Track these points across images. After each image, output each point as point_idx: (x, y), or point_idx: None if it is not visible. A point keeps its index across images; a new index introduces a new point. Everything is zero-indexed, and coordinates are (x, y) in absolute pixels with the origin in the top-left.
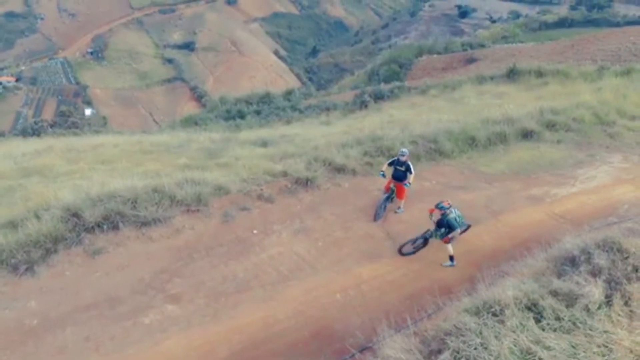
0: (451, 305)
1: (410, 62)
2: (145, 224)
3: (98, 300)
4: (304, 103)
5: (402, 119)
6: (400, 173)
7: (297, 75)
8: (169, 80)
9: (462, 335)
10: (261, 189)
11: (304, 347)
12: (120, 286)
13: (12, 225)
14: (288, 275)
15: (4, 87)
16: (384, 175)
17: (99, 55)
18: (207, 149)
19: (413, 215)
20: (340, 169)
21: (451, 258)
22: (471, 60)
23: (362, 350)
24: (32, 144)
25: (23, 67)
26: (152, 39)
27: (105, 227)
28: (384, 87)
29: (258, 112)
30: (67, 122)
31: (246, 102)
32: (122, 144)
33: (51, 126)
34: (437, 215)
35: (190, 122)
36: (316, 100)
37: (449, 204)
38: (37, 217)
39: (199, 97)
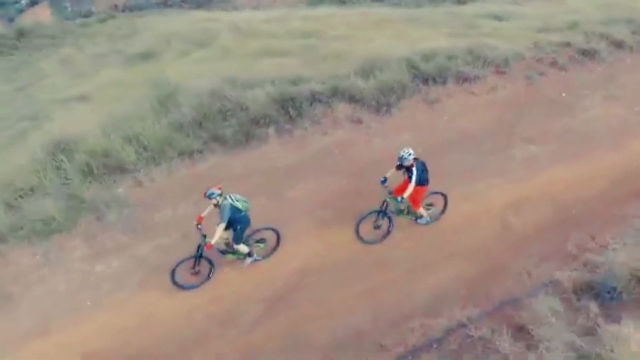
0: None
1: None
2: (465, 80)
3: (460, 139)
4: None
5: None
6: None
7: None
8: None
9: None
10: (552, 57)
11: None
12: (472, 128)
13: (363, 73)
14: (623, 132)
15: None
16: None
17: None
18: (454, 21)
19: None
20: (618, 45)
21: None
22: None
23: None
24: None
25: None
26: None
27: (436, 80)
28: None
29: None
30: None
31: None
32: (350, 15)
33: None
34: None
35: None
36: None
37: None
38: (381, 68)
39: None
